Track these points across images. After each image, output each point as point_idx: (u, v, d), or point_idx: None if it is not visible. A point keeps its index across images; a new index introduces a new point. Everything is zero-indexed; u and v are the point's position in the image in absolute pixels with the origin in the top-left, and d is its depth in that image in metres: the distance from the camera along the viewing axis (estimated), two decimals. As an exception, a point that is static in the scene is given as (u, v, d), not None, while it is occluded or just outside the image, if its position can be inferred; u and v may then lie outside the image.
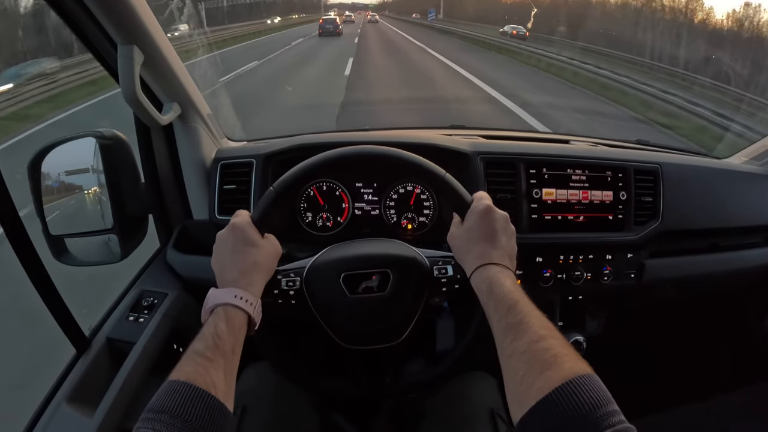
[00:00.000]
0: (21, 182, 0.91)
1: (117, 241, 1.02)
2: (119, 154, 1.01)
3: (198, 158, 1.17)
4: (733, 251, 1.36)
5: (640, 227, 1.20)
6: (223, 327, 0.67)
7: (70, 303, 0.89)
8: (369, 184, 1.19)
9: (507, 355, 0.62)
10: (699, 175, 1.33)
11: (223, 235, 0.79)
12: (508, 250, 0.79)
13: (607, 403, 0.51)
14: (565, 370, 0.55)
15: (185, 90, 1.08)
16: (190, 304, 1.10)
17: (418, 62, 14.21)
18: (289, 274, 0.86)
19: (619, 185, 1.19)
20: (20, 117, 6.39)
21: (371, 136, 1.35)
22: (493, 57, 16.14)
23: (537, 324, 0.63)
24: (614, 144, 1.49)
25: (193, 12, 2.71)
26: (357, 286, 0.85)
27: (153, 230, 1.18)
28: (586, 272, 1.18)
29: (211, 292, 0.73)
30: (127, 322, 1.01)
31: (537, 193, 1.15)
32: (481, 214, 0.79)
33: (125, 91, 0.90)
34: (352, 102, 7.86)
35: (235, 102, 6.02)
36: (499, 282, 0.71)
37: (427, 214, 1.19)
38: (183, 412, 0.55)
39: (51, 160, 0.95)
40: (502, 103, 8.01)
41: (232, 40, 18.51)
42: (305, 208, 1.18)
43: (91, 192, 1.03)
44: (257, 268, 0.77)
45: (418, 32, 28.61)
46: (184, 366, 0.61)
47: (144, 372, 0.93)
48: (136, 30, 0.87)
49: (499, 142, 1.34)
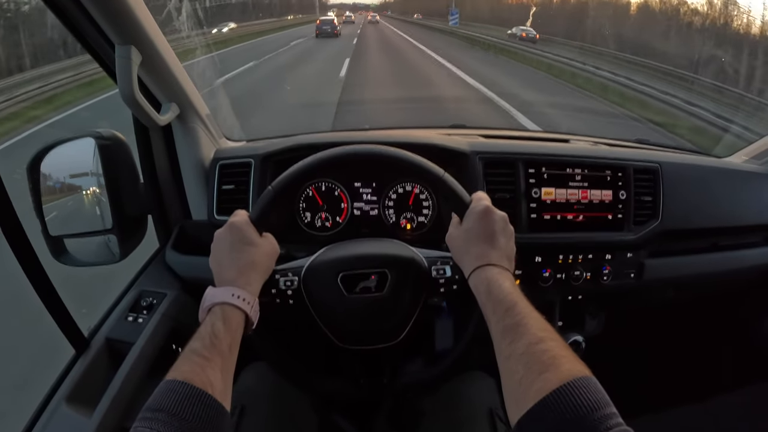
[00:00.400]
0: (20, 182, 0.91)
1: (116, 242, 1.02)
2: (118, 154, 1.01)
3: (197, 158, 1.17)
4: (733, 251, 1.36)
5: (639, 227, 1.20)
6: (221, 326, 0.67)
7: (68, 303, 0.89)
8: (368, 183, 1.19)
9: (505, 356, 0.62)
10: (699, 174, 1.33)
11: (222, 234, 0.79)
12: (507, 252, 0.79)
13: (604, 405, 0.51)
14: (563, 372, 0.54)
15: (184, 90, 1.08)
16: (189, 305, 1.10)
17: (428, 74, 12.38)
18: (287, 273, 0.86)
19: (619, 184, 1.18)
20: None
21: (370, 136, 1.35)
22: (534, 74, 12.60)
23: (535, 326, 0.63)
24: (614, 143, 1.49)
25: (191, 12, 2.71)
26: (355, 286, 0.85)
27: (152, 230, 1.18)
28: (586, 272, 1.18)
29: (208, 291, 0.73)
30: (126, 323, 1.01)
31: (536, 193, 1.15)
32: (479, 214, 0.79)
33: (123, 92, 0.90)
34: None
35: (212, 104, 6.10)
36: (497, 283, 0.71)
37: (426, 214, 1.18)
38: (180, 411, 0.55)
39: (50, 160, 0.95)
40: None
41: (222, 43, 18.04)
42: (304, 208, 1.18)
43: (90, 192, 1.03)
44: (255, 267, 0.78)
45: (424, 35, 26.13)
46: (182, 365, 0.61)
47: (143, 372, 0.92)
48: (134, 30, 0.87)
49: (498, 142, 1.34)
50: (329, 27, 24.01)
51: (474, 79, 10.62)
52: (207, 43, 5.12)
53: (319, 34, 23.46)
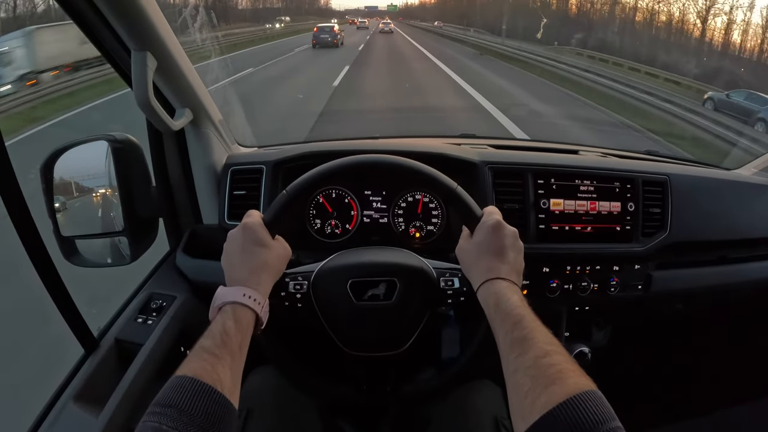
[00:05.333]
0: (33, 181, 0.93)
1: (127, 244, 1.03)
2: (131, 157, 1.03)
3: (209, 163, 1.18)
4: (743, 263, 1.35)
5: (647, 238, 1.19)
6: (231, 325, 0.68)
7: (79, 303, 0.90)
8: (378, 192, 1.19)
9: (512, 370, 0.62)
10: (708, 186, 1.32)
11: (235, 234, 0.80)
12: (516, 266, 0.79)
13: (610, 419, 0.52)
14: (569, 385, 0.55)
15: (197, 96, 1.10)
16: (199, 308, 1.10)
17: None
18: (297, 277, 0.87)
19: (627, 196, 1.18)
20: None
21: (381, 145, 1.35)
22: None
23: (542, 339, 0.63)
24: (623, 155, 1.49)
25: (206, 19, 2.72)
26: (364, 294, 0.86)
27: (163, 233, 1.19)
28: (593, 283, 1.18)
29: (219, 290, 0.74)
30: (136, 324, 1.02)
31: (545, 204, 1.15)
32: (490, 228, 0.80)
33: (138, 97, 0.91)
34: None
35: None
36: (505, 297, 0.72)
37: (435, 223, 1.19)
38: (189, 407, 0.55)
39: (63, 162, 0.97)
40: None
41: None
42: (314, 214, 1.19)
43: (102, 194, 1.05)
44: (266, 268, 0.79)
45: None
46: (192, 362, 0.62)
47: (151, 373, 0.93)
48: (150, 37, 0.88)
49: (508, 152, 1.34)
50: (328, 36, 21.30)
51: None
52: (217, 48, 5.15)
53: (317, 43, 20.84)
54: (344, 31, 27.13)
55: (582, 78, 11.99)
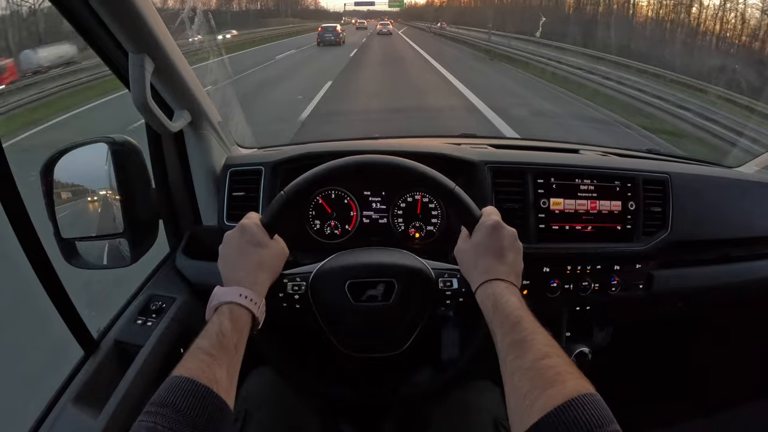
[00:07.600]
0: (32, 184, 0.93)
1: (127, 246, 1.03)
2: (130, 159, 1.02)
3: (208, 165, 1.18)
4: (745, 262, 1.34)
5: (648, 237, 1.19)
6: (228, 325, 0.68)
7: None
8: (377, 192, 1.19)
9: (510, 371, 0.62)
10: (709, 184, 1.31)
11: (232, 234, 0.80)
12: (515, 267, 0.79)
13: (608, 422, 0.52)
14: (568, 388, 0.55)
15: (195, 98, 1.10)
16: (198, 310, 1.10)
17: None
18: (295, 278, 0.87)
19: (628, 195, 1.18)
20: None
21: (380, 145, 1.35)
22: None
23: (541, 341, 0.63)
24: (624, 153, 1.48)
25: (203, 21, 2.72)
26: (362, 294, 0.86)
27: (163, 235, 1.19)
28: (594, 283, 1.17)
29: (216, 290, 0.74)
30: (136, 326, 1.02)
31: (545, 203, 1.14)
32: (489, 229, 0.80)
33: (136, 99, 0.91)
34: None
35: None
36: (504, 298, 0.72)
37: (434, 223, 1.19)
38: (185, 407, 0.56)
39: (63, 165, 0.97)
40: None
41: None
42: (313, 215, 1.19)
43: (102, 196, 1.05)
44: (263, 268, 0.79)
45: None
46: (188, 362, 0.62)
47: (150, 375, 0.93)
48: (147, 39, 0.88)
49: (508, 152, 1.34)
50: (331, 35, 23.66)
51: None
52: (216, 49, 5.17)
53: (321, 42, 23.14)
54: (345, 31, 28.88)
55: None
